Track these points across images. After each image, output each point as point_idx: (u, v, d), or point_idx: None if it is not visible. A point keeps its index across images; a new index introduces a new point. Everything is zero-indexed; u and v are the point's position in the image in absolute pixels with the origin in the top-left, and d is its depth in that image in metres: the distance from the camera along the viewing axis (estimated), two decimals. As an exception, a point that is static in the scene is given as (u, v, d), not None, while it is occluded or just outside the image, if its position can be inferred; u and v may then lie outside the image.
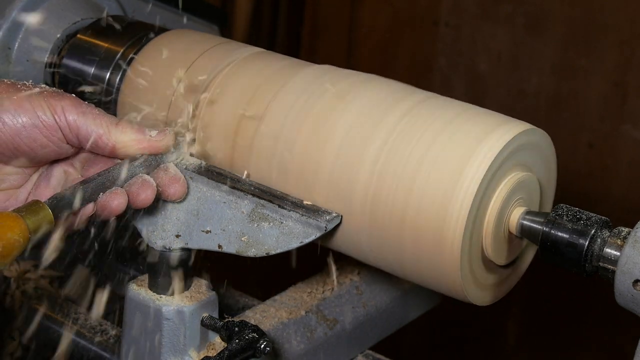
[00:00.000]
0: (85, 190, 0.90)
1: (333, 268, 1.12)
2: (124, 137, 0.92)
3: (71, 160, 0.97)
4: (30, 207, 0.84)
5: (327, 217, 0.92)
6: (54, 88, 0.95)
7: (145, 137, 0.93)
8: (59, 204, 0.87)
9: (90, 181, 0.90)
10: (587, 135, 2.21)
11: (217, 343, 0.99)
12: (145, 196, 0.92)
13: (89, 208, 0.91)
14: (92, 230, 0.97)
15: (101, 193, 0.91)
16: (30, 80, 0.94)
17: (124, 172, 0.92)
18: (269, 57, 1.06)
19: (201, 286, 1.01)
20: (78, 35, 1.19)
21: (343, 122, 0.93)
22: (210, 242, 0.96)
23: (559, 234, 0.87)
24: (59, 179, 0.96)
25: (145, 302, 0.98)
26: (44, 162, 0.95)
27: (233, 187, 0.96)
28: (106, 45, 1.15)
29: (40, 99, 0.91)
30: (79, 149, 0.95)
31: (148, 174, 0.94)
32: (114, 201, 0.91)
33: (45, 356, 1.28)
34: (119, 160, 0.94)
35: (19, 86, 0.92)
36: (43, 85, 0.95)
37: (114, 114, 1.11)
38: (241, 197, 0.95)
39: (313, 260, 1.19)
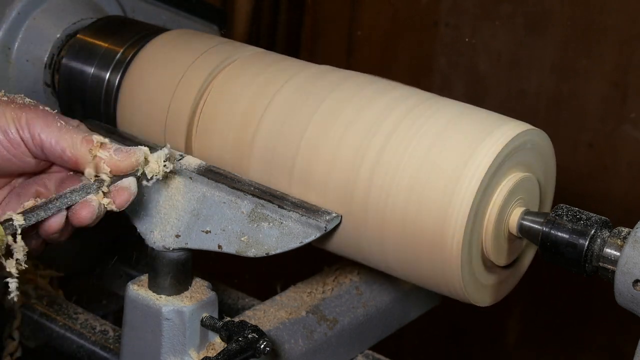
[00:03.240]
0: (40, 211, 0.87)
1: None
2: (86, 151, 0.89)
3: (45, 180, 0.94)
4: None
5: (327, 217, 0.92)
6: (25, 98, 0.92)
7: (109, 155, 0.90)
8: (10, 224, 0.84)
9: (45, 202, 0.88)
10: (587, 135, 2.20)
11: (217, 343, 0.99)
12: (84, 214, 0.88)
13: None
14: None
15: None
16: (3, 91, 0.92)
17: (76, 196, 0.89)
18: (269, 57, 1.06)
19: (201, 286, 1.01)
20: (78, 35, 1.19)
21: (343, 123, 0.93)
22: (210, 242, 0.96)
23: (559, 234, 0.87)
24: (31, 198, 0.92)
25: (145, 302, 0.98)
26: (9, 175, 0.93)
27: (233, 187, 0.96)
28: (106, 45, 1.15)
29: (6, 110, 0.88)
30: (47, 162, 0.92)
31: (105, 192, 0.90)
32: (51, 219, 0.88)
33: (46, 356, 1.28)
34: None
35: None
36: (14, 96, 0.92)
37: (114, 114, 1.11)
38: (241, 197, 0.95)
39: (313, 260, 1.19)
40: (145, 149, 0.91)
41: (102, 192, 0.89)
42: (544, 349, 2.37)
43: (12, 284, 0.85)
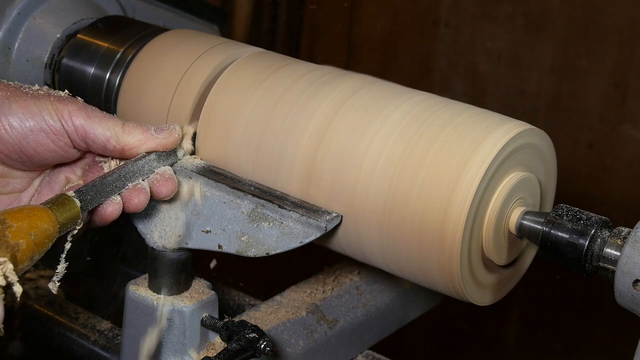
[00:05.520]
0: (107, 184, 0.90)
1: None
2: (131, 138, 0.93)
3: (73, 167, 0.97)
4: (57, 200, 0.84)
5: (327, 217, 0.92)
6: (59, 91, 0.95)
7: (152, 136, 0.94)
8: (85, 198, 0.88)
9: (110, 176, 0.91)
10: (587, 135, 2.21)
11: (217, 343, 0.99)
12: (138, 201, 0.93)
13: (84, 216, 0.91)
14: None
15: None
16: (37, 85, 0.95)
17: (141, 166, 0.93)
18: (269, 57, 1.06)
19: (201, 286, 1.01)
20: (78, 35, 1.19)
21: (343, 123, 0.93)
22: (210, 242, 0.96)
23: (559, 234, 0.87)
24: (61, 185, 0.97)
25: (145, 302, 0.98)
26: (50, 165, 0.96)
27: (233, 187, 0.96)
28: (106, 45, 1.15)
29: (47, 103, 0.91)
30: (85, 152, 0.96)
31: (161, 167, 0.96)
32: (109, 208, 0.92)
33: (46, 356, 1.28)
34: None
35: (25, 90, 0.92)
36: (47, 89, 0.95)
37: (114, 114, 1.11)
38: (241, 197, 0.95)
39: (313, 260, 1.19)
40: (177, 125, 0.97)
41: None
42: (544, 348, 2.37)
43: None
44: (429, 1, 2.41)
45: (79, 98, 0.95)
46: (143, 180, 0.94)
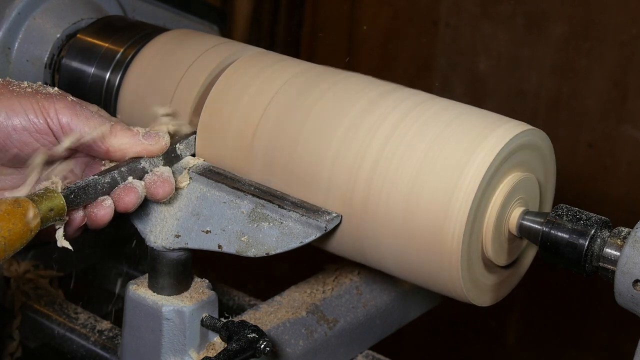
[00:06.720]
0: (98, 183, 0.90)
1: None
2: (117, 141, 0.93)
3: (72, 165, 0.97)
4: (44, 194, 0.84)
5: (327, 217, 0.92)
6: (51, 88, 0.94)
7: (138, 142, 0.93)
8: (73, 194, 0.87)
9: (104, 175, 0.91)
10: (587, 135, 2.21)
11: (217, 343, 0.99)
12: (128, 200, 0.91)
13: (79, 219, 0.90)
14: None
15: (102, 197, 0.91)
16: (26, 82, 0.94)
17: (136, 168, 0.93)
18: (269, 57, 1.06)
19: (201, 286, 1.01)
20: (78, 35, 1.19)
21: (342, 123, 0.93)
22: (210, 242, 0.96)
23: (559, 234, 0.87)
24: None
25: (145, 302, 0.98)
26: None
27: (233, 187, 0.96)
28: (106, 45, 1.15)
29: (33, 100, 0.90)
30: (73, 150, 0.95)
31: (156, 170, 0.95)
32: (100, 211, 0.90)
33: (46, 356, 1.28)
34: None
35: (12, 87, 0.91)
36: (39, 84, 0.94)
37: (114, 114, 1.11)
38: (241, 197, 0.95)
39: (313, 260, 1.19)
40: (166, 132, 0.96)
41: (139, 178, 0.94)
42: (544, 348, 2.37)
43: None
44: (429, 1, 2.41)
45: (70, 96, 0.94)
46: (135, 179, 0.93)
